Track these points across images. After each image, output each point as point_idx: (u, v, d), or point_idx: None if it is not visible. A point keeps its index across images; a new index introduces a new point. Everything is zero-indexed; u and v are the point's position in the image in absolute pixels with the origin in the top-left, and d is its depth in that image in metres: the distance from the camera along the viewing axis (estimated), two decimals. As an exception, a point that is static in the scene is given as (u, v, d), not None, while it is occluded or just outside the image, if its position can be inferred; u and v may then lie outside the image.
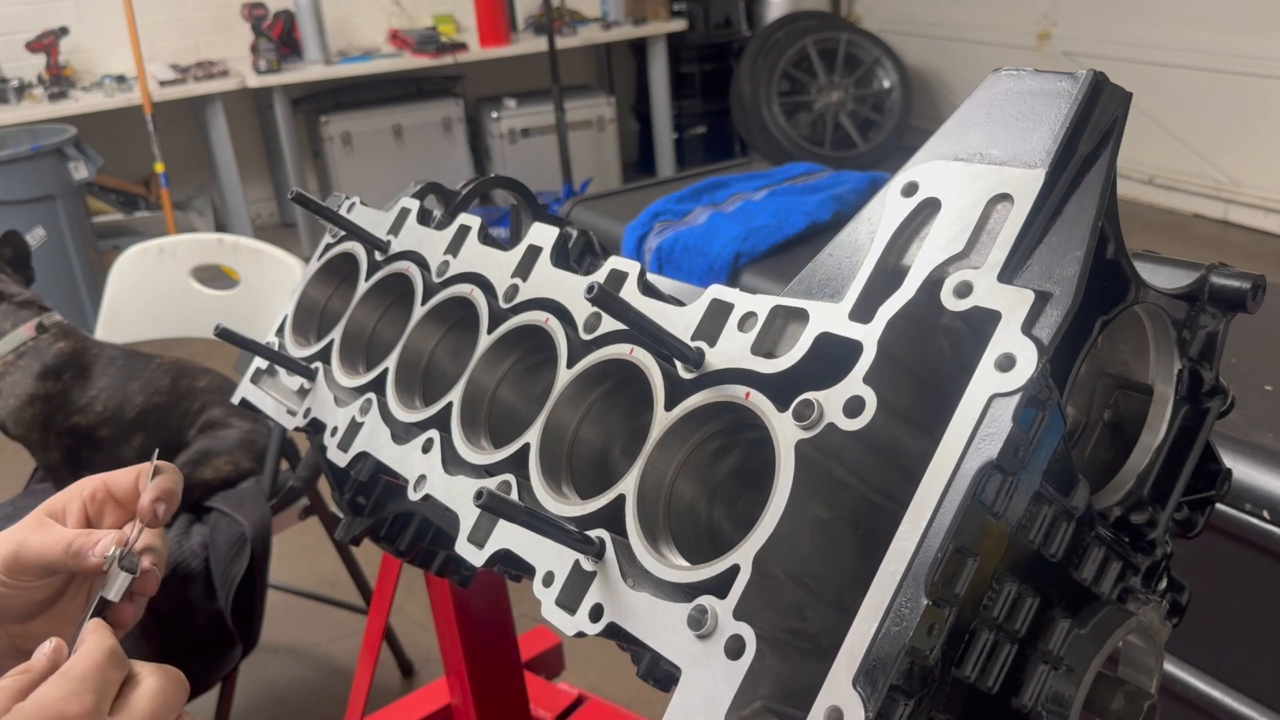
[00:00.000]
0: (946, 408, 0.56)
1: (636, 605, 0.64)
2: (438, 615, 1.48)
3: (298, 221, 5.70)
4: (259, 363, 1.09)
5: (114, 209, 5.40)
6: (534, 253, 0.87)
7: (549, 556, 0.70)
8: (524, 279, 0.86)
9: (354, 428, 0.93)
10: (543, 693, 1.98)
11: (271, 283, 2.36)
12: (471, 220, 0.95)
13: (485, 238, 0.94)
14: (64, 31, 5.18)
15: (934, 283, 0.61)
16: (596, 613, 0.66)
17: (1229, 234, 4.90)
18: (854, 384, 0.60)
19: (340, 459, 0.93)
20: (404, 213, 1.03)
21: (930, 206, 0.64)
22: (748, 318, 0.68)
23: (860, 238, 0.68)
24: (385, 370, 0.92)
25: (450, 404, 0.84)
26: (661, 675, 0.70)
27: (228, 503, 2.05)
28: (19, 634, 0.79)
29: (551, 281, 0.84)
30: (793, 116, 5.89)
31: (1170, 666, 1.42)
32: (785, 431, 0.61)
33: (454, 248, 0.95)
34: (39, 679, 0.65)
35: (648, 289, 0.77)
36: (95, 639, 0.67)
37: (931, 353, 0.63)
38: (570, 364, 0.77)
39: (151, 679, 0.67)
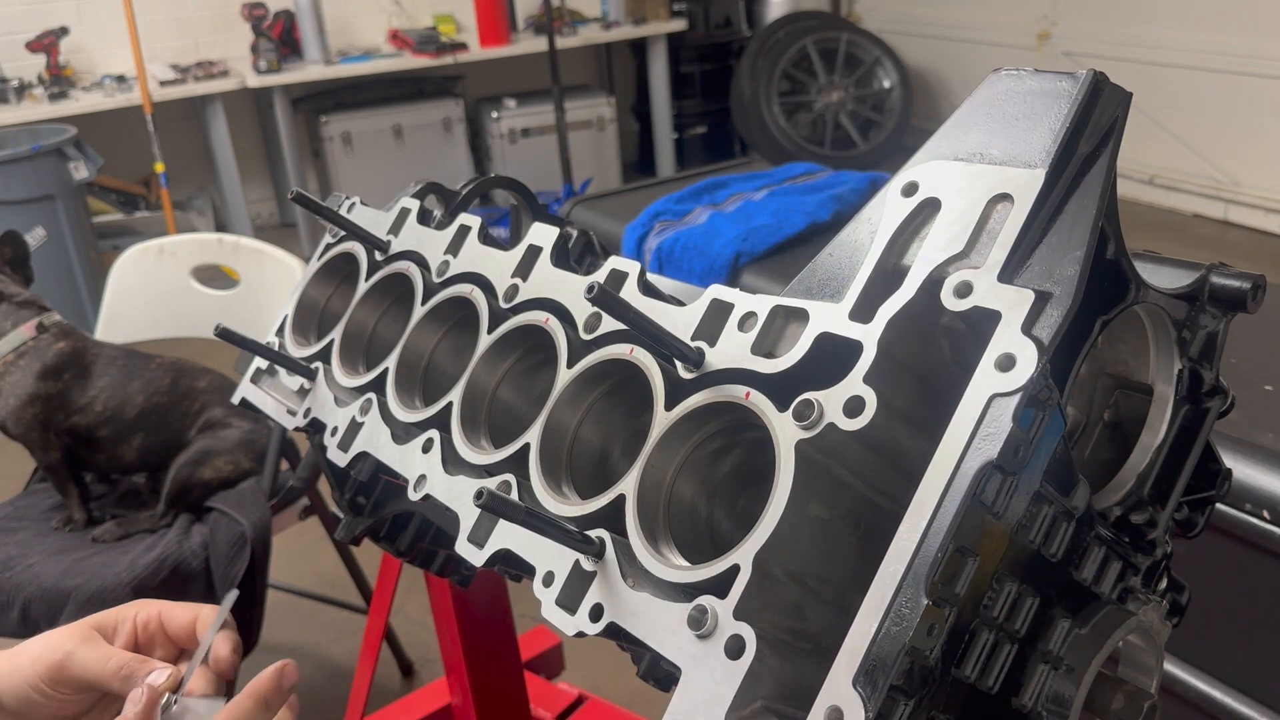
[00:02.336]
0: (946, 408, 0.56)
1: (636, 605, 0.64)
2: (438, 615, 1.48)
3: (298, 221, 5.70)
4: (259, 363, 1.09)
5: (114, 209, 5.40)
6: (534, 253, 0.87)
7: (549, 556, 0.70)
8: (524, 279, 0.86)
9: (354, 428, 0.93)
10: (543, 693, 1.98)
11: (271, 283, 2.36)
12: (471, 220, 0.95)
13: (485, 238, 0.94)
14: (64, 31, 5.18)
15: (934, 283, 0.61)
16: (596, 613, 0.66)
17: (1229, 234, 4.90)
18: (854, 384, 0.60)
19: (340, 459, 0.93)
20: (404, 213, 1.03)
21: (930, 206, 0.64)
22: (748, 318, 0.68)
23: (860, 238, 0.68)
24: (385, 370, 0.92)
25: (450, 404, 0.84)
26: (661, 675, 0.70)
27: (228, 503, 2.05)
28: None
29: (552, 281, 0.84)
30: (793, 116, 5.89)
31: (1170, 666, 1.42)
32: (785, 431, 0.61)
33: (454, 248, 0.95)
34: None
35: (648, 289, 0.77)
36: None
37: (931, 353, 0.63)
38: (570, 364, 0.77)
39: None
